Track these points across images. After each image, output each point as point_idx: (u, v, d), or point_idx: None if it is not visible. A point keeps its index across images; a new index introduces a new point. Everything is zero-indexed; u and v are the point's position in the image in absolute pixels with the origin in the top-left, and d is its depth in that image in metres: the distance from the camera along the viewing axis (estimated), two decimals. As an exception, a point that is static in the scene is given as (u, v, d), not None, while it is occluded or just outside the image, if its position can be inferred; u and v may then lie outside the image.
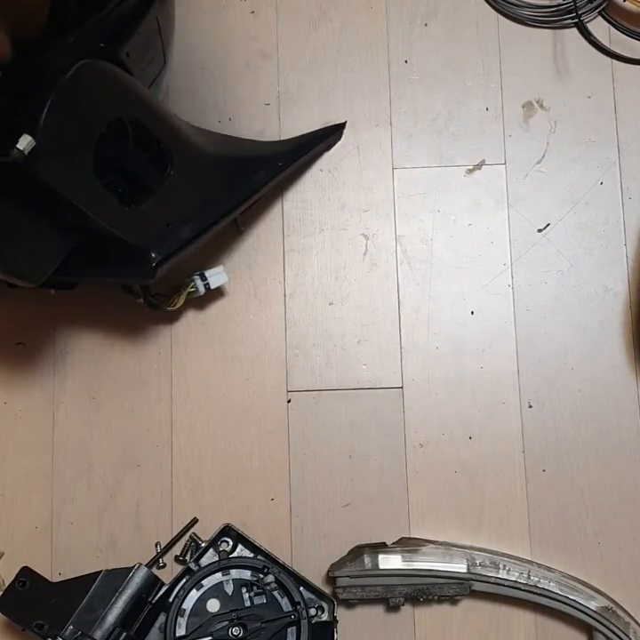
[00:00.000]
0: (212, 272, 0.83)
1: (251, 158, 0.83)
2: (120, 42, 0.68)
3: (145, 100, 0.72)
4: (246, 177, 0.80)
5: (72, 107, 0.63)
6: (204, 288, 0.82)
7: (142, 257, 0.73)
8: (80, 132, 0.65)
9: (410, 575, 0.79)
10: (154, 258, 0.73)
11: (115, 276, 0.78)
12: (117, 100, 0.68)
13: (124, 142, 0.71)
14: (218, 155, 0.81)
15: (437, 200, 0.88)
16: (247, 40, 0.91)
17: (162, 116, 0.74)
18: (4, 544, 0.83)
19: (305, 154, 0.86)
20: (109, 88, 0.67)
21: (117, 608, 0.75)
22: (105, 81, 0.67)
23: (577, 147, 0.89)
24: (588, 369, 0.85)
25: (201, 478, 0.84)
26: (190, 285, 0.82)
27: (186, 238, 0.75)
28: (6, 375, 0.86)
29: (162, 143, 0.73)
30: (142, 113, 0.71)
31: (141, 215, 0.72)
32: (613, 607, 0.80)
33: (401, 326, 0.86)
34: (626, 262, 0.87)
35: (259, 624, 0.77)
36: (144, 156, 0.73)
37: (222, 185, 0.79)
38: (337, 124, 0.88)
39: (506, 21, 0.91)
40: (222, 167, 0.80)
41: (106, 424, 0.85)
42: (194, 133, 0.80)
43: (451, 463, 0.84)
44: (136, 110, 0.70)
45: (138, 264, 0.73)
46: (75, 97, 0.63)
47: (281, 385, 0.86)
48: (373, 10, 0.91)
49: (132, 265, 0.74)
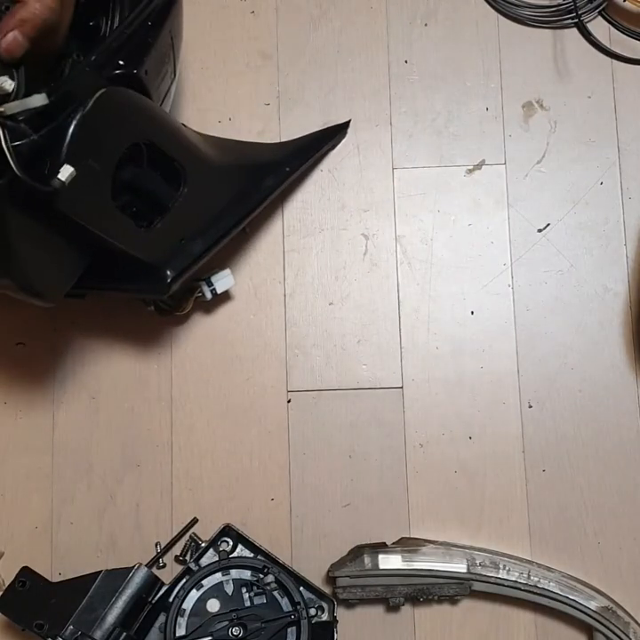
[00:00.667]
0: (218, 277, 0.82)
1: (258, 165, 0.82)
2: (139, 59, 0.67)
3: (160, 121, 0.72)
4: (255, 185, 0.80)
5: (92, 136, 0.63)
6: (210, 294, 0.82)
7: (156, 274, 0.72)
8: (99, 161, 0.65)
9: (410, 575, 0.79)
10: (168, 275, 0.72)
11: (129, 291, 0.78)
12: (135, 126, 0.68)
13: (139, 164, 0.70)
14: (227, 164, 0.80)
15: (437, 200, 0.88)
16: (247, 40, 0.91)
17: (175, 135, 0.74)
18: (4, 544, 0.83)
19: (311, 156, 0.86)
20: (127, 114, 0.67)
21: (117, 608, 0.75)
22: (123, 107, 0.66)
23: (577, 147, 0.89)
24: (588, 369, 0.86)
25: (201, 478, 0.84)
26: (197, 290, 0.82)
27: (198, 252, 0.74)
28: (6, 375, 0.86)
29: (176, 162, 0.73)
30: (157, 135, 0.70)
31: (156, 233, 0.72)
32: (613, 607, 0.80)
33: (401, 326, 0.86)
34: (626, 262, 0.87)
35: (259, 624, 0.77)
36: (158, 176, 0.73)
37: (232, 195, 0.78)
38: (341, 124, 0.88)
39: (506, 21, 0.91)
40: (231, 177, 0.80)
41: (106, 424, 0.85)
42: (202, 144, 0.80)
43: (451, 463, 0.84)
44: (152, 133, 0.70)
45: (152, 280, 0.73)
46: (95, 126, 0.63)
47: (281, 385, 0.86)
48: (373, 10, 0.91)
49: (145, 281, 0.74)
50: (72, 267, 0.71)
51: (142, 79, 0.68)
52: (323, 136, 0.88)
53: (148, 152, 0.70)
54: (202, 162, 0.77)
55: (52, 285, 0.70)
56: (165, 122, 0.73)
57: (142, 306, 0.85)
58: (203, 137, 0.83)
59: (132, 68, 0.66)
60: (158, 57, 0.70)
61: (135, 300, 0.85)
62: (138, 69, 0.67)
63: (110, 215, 0.68)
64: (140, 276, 0.74)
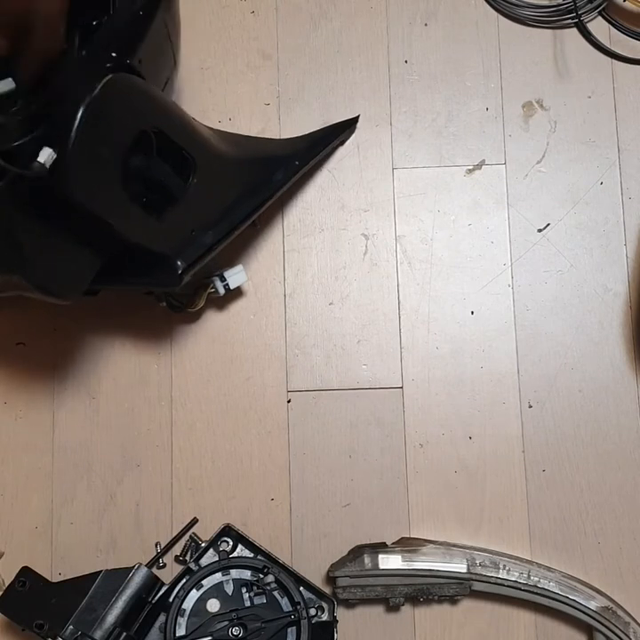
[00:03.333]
0: (230, 272, 0.82)
1: (268, 159, 0.83)
2: (131, 49, 0.67)
3: (167, 108, 0.72)
4: (265, 178, 0.80)
5: (100, 123, 0.63)
6: (223, 289, 0.82)
7: (168, 265, 0.72)
8: (108, 148, 0.64)
9: (410, 575, 0.79)
10: (179, 266, 0.72)
11: (140, 284, 0.78)
12: (143, 113, 0.68)
13: (149, 153, 0.70)
14: (237, 158, 0.81)
15: (437, 200, 0.88)
16: (247, 40, 0.91)
17: (184, 124, 0.74)
18: (4, 544, 0.83)
19: (321, 151, 0.86)
20: (135, 101, 0.67)
21: (117, 608, 0.75)
22: (131, 94, 0.66)
23: (577, 147, 0.89)
24: (588, 369, 0.86)
25: (201, 478, 0.84)
26: (210, 286, 0.82)
27: (209, 244, 0.74)
28: (6, 375, 0.86)
29: (185, 151, 0.73)
30: (166, 122, 0.70)
31: (166, 224, 0.72)
32: (613, 607, 0.80)
33: (401, 326, 0.86)
34: (626, 262, 0.87)
35: (259, 624, 0.77)
36: (167, 165, 0.73)
37: (242, 188, 0.78)
38: (350, 119, 0.88)
39: (506, 21, 0.91)
40: (242, 170, 0.80)
41: (106, 424, 0.85)
42: (212, 137, 0.80)
43: (451, 463, 0.84)
44: (160, 120, 0.70)
45: (163, 272, 0.73)
46: (103, 112, 0.63)
47: (281, 385, 0.86)
48: (373, 10, 0.91)
49: (157, 273, 0.73)
50: (86, 264, 0.71)
51: (136, 68, 0.67)
52: (332, 131, 0.87)
53: (158, 141, 0.70)
54: (211, 153, 0.77)
55: (67, 283, 0.70)
56: (173, 110, 0.73)
57: (142, 306, 0.85)
58: (212, 131, 0.83)
59: (124, 58, 0.66)
60: (153, 46, 0.70)
61: (136, 300, 0.85)
62: (131, 59, 0.67)
63: (121, 204, 0.68)
64: (151, 268, 0.73)
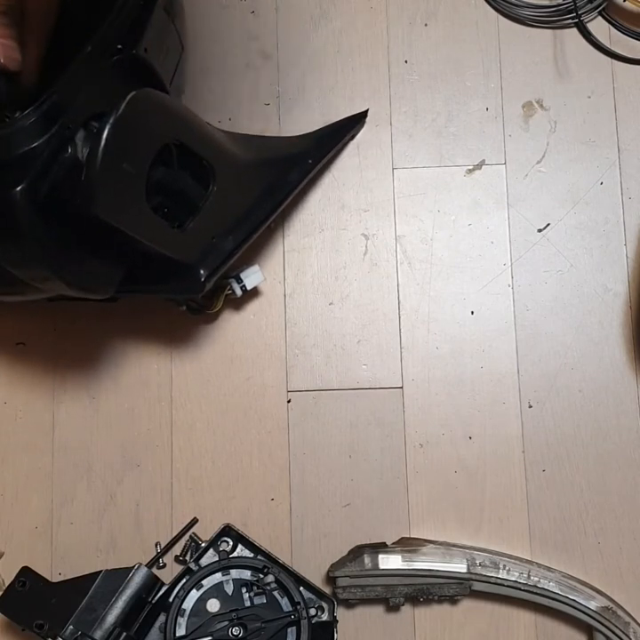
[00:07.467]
0: (247, 273, 0.82)
1: (282, 159, 0.82)
2: (136, 39, 0.67)
3: (187, 120, 0.71)
4: (280, 179, 0.79)
5: (124, 141, 0.62)
6: (240, 290, 0.82)
7: (190, 273, 0.72)
8: (133, 165, 0.64)
9: (410, 575, 0.79)
10: (202, 274, 0.72)
11: (163, 292, 0.78)
12: (165, 126, 0.68)
13: (169, 165, 0.70)
14: (251, 160, 0.80)
15: (437, 200, 0.88)
16: (247, 40, 0.91)
17: (202, 133, 0.74)
18: (4, 544, 0.83)
19: (333, 147, 0.85)
20: (157, 115, 0.67)
21: (117, 608, 0.75)
22: (153, 108, 0.66)
23: (577, 147, 0.89)
24: (588, 369, 0.86)
25: (201, 478, 0.84)
26: (227, 288, 0.82)
27: (229, 249, 0.74)
28: (6, 375, 0.86)
29: (204, 160, 0.72)
30: (186, 134, 0.70)
31: (188, 232, 0.72)
32: (613, 607, 0.80)
33: (401, 326, 0.86)
34: (626, 262, 0.87)
35: (259, 624, 0.77)
36: (187, 175, 0.73)
37: (259, 190, 0.78)
38: (359, 113, 0.88)
39: (506, 21, 0.91)
40: (258, 173, 0.80)
41: (106, 424, 0.85)
42: (227, 141, 0.79)
43: (451, 463, 0.84)
44: (181, 132, 0.70)
45: (186, 280, 0.73)
46: (127, 131, 0.62)
47: (281, 385, 0.86)
48: (373, 10, 0.91)
49: (180, 281, 0.73)
50: (112, 268, 0.71)
51: (143, 57, 0.67)
52: (342, 127, 0.87)
53: (178, 152, 0.70)
54: (229, 159, 0.77)
55: (99, 282, 0.71)
56: (192, 121, 0.73)
57: (142, 306, 0.85)
58: (226, 134, 0.83)
59: (129, 49, 0.66)
60: (155, 33, 0.70)
61: (136, 301, 0.85)
62: (136, 49, 0.67)
63: (145, 217, 0.67)
64: (173, 276, 0.73)
